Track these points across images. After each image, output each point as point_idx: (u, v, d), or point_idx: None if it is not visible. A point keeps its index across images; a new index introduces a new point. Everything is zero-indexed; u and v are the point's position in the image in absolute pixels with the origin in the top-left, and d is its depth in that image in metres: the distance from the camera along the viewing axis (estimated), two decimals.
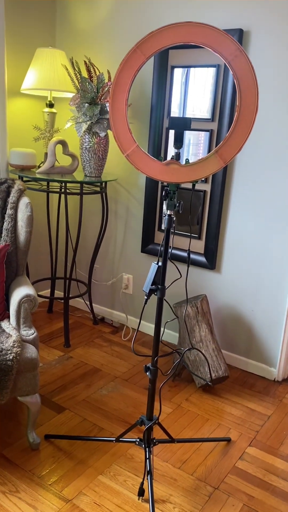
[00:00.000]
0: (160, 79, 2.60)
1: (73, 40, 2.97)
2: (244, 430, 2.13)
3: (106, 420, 2.13)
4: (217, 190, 2.54)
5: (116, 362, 2.66)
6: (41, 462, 1.83)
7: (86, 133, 2.63)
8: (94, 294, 3.25)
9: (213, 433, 2.10)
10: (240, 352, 2.68)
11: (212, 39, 1.33)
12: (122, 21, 2.72)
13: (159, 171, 1.46)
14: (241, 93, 1.33)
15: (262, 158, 2.39)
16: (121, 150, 1.48)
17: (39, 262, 3.32)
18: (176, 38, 1.37)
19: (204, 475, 1.83)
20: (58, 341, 2.86)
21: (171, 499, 1.70)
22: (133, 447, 1.95)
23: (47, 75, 2.62)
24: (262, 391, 2.47)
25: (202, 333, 2.42)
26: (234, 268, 2.60)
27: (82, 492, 1.70)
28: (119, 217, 3.01)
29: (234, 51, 1.32)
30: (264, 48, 2.28)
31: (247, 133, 1.34)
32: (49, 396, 2.28)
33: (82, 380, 2.44)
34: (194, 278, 2.76)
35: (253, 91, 1.32)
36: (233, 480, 1.82)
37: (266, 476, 1.86)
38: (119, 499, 1.68)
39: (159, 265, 1.57)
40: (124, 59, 1.43)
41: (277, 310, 2.50)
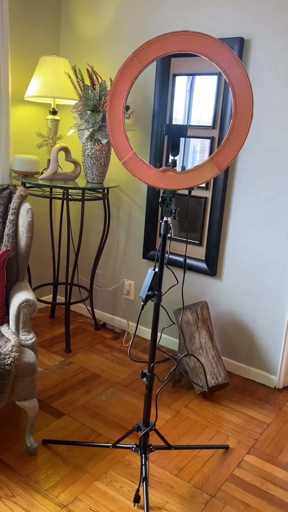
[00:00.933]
0: (162, 87, 2.63)
1: (77, 49, 3.00)
2: (243, 438, 2.12)
3: (104, 426, 2.13)
4: (218, 196, 2.54)
5: (116, 368, 2.66)
6: (38, 467, 1.84)
7: (88, 140, 2.65)
8: (96, 300, 3.26)
9: (211, 440, 2.10)
10: (241, 359, 2.67)
11: (208, 48, 1.35)
12: (125, 30, 2.75)
13: (156, 178, 1.47)
14: (236, 102, 1.34)
15: (263, 165, 2.40)
16: (118, 157, 1.50)
17: (42, 268, 3.34)
18: (172, 47, 1.39)
19: (201, 483, 1.83)
20: (59, 346, 2.87)
21: (167, 506, 1.70)
22: (131, 453, 1.95)
23: (50, 83, 2.65)
24: (262, 399, 2.46)
25: (202, 339, 2.42)
26: (235, 275, 2.60)
27: (78, 497, 1.70)
28: (121, 223, 3.02)
29: (230, 60, 1.33)
30: (265, 56, 2.29)
31: (242, 141, 1.35)
32: (48, 401, 2.28)
33: (81, 386, 2.45)
34: (195, 285, 2.76)
35: (248, 99, 1.33)
36: (230, 488, 1.81)
37: (264, 484, 1.85)
38: (115, 506, 1.68)
39: (155, 271, 1.58)
40: (121, 67, 1.45)
41: (278, 318, 2.49)
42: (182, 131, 1.46)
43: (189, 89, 2.58)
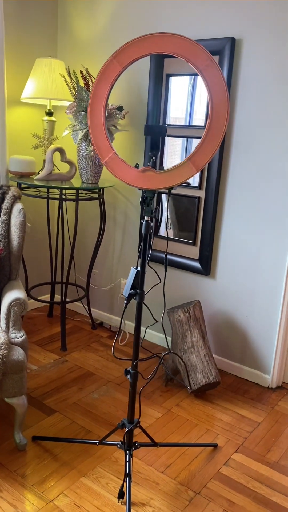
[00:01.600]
0: (156, 87, 2.64)
1: (74, 50, 3.03)
2: (232, 436, 2.13)
3: (94, 423, 2.15)
4: (211, 196, 2.55)
5: (111, 367, 2.69)
6: (26, 463, 1.87)
7: (83, 140, 2.68)
8: (93, 299, 3.29)
9: (200, 438, 2.11)
10: (234, 358, 2.68)
11: (184, 49, 1.36)
12: (121, 32, 2.78)
13: (135, 178, 1.49)
14: (212, 102, 1.36)
15: (255, 164, 2.40)
16: (100, 157, 1.52)
17: (41, 267, 3.38)
18: (150, 49, 1.41)
19: (186, 480, 1.84)
20: (56, 345, 2.90)
21: (151, 503, 1.72)
22: (118, 451, 1.97)
23: (46, 84, 2.69)
24: (255, 398, 2.47)
25: (194, 338, 2.43)
26: (228, 274, 2.61)
27: (64, 493, 1.73)
28: (117, 223, 3.04)
29: (205, 61, 1.35)
30: (256, 56, 2.30)
31: (218, 141, 1.36)
32: (41, 399, 2.32)
33: (75, 384, 2.48)
34: (189, 284, 2.77)
35: (224, 99, 1.34)
36: (215, 486, 1.82)
37: (250, 482, 1.85)
38: (99, 501, 1.70)
39: (137, 270, 1.60)
40: (101, 69, 1.47)
41: (271, 317, 2.50)
42: (161, 131, 1.48)
43: (191, 89, 2.59)
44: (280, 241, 2.39)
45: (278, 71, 2.24)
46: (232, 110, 2.43)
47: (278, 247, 2.40)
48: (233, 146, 2.45)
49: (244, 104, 2.38)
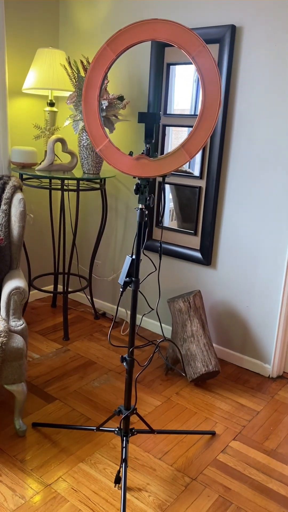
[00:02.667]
0: (157, 77, 2.63)
1: (75, 40, 3.03)
2: (230, 425, 2.14)
3: (94, 411, 2.18)
4: (211, 186, 2.55)
5: (112, 356, 2.71)
6: (25, 448, 1.90)
7: (83, 130, 2.68)
8: (96, 289, 3.31)
9: (199, 426, 2.12)
10: (235, 348, 2.69)
11: (176, 36, 1.36)
12: (122, 21, 2.76)
13: (130, 165, 1.49)
14: (205, 89, 1.35)
15: (255, 154, 2.39)
16: (94, 145, 1.53)
17: (44, 258, 3.41)
18: (143, 36, 1.40)
19: (183, 467, 1.86)
20: (58, 334, 2.93)
21: (147, 488, 1.74)
22: (117, 437, 1.99)
23: (47, 74, 2.69)
24: (255, 387, 2.47)
25: (193, 327, 2.44)
26: (229, 264, 2.61)
27: (61, 477, 1.76)
28: (119, 213, 3.05)
29: (198, 47, 1.34)
30: (257, 43, 2.27)
31: (210, 127, 1.36)
32: (42, 387, 2.35)
33: (76, 372, 2.50)
34: (190, 274, 2.78)
35: (216, 86, 1.34)
36: (212, 472, 1.84)
37: (246, 469, 1.87)
38: (96, 486, 1.73)
39: (133, 258, 1.61)
40: (95, 57, 1.47)
41: (271, 307, 2.49)
42: (155, 118, 1.48)
43: (196, 79, 2.57)
44: (280, 231, 2.38)
45: (279, 58, 2.22)
46: (232, 99, 2.41)
47: (279, 237, 2.40)
48: (233, 136, 2.44)
49: (244, 93, 2.36)
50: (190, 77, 2.53)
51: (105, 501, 1.66)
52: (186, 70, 2.53)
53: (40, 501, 1.64)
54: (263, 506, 1.69)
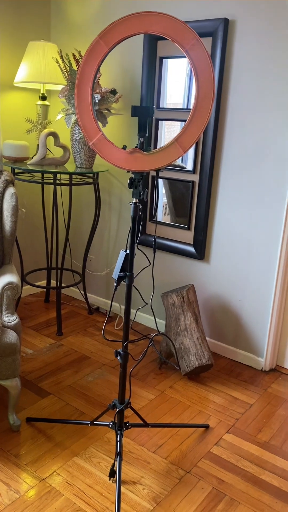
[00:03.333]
0: (150, 70, 2.62)
1: (67, 33, 3.00)
2: (224, 418, 2.16)
3: (88, 405, 2.18)
4: (204, 181, 2.55)
5: (106, 350, 2.71)
6: (20, 443, 1.90)
7: (76, 124, 2.67)
8: (89, 284, 3.31)
9: (193, 419, 2.14)
10: (228, 341, 2.70)
11: (170, 29, 1.35)
12: (115, 14, 2.74)
13: (123, 159, 1.49)
14: (199, 82, 1.35)
15: (248, 148, 2.39)
16: (87, 139, 1.52)
17: (37, 253, 3.39)
18: (136, 28, 1.39)
19: (177, 460, 1.87)
20: (52, 329, 2.93)
21: (141, 481, 1.75)
22: (111, 431, 2.00)
23: (39, 68, 2.67)
24: (248, 380, 2.49)
25: (187, 321, 2.44)
26: (222, 259, 2.62)
27: (56, 472, 1.76)
28: (113, 208, 3.04)
29: (191, 40, 1.33)
30: (250, 37, 2.27)
31: (204, 121, 1.36)
32: (36, 382, 2.34)
33: (70, 367, 2.50)
34: (183, 268, 2.78)
35: (210, 79, 1.33)
36: (205, 465, 1.85)
37: (240, 461, 1.88)
38: (91, 480, 1.74)
39: (127, 252, 1.60)
40: (88, 49, 1.46)
41: (264, 300, 2.51)
42: (149, 112, 1.47)
43: (188, 73, 2.57)
44: (273, 225, 2.39)
45: (271, 52, 2.22)
46: (225, 93, 2.41)
47: (271, 231, 2.40)
48: (226, 130, 2.44)
49: (237, 86, 2.36)
50: (183, 71, 2.52)
51: (99, 494, 1.67)
52: (179, 63, 2.52)
53: (35, 495, 1.65)
54: (256, 497, 1.71)
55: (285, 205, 2.33)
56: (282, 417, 2.19)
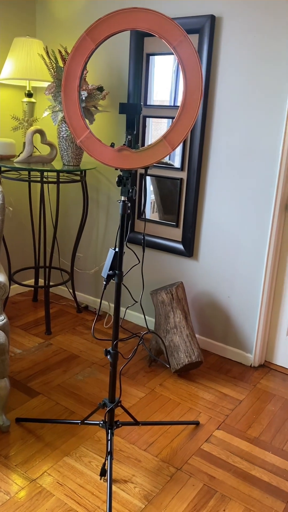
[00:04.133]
0: (136, 67, 2.61)
1: (52, 29, 2.97)
2: (214, 414, 2.17)
3: (78, 404, 2.17)
4: (192, 178, 2.55)
5: (95, 349, 2.70)
6: (9, 444, 1.88)
7: (63, 121, 2.64)
8: (78, 282, 3.29)
9: (183, 416, 2.14)
10: (217, 338, 2.71)
11: (157, 25, 1.34)
12: (101, 9, 2.72)
13: (112, 157, 1.48)
14: (186, 79, 1.34)
15: (236, 145, 2.40)
16: (74, 136, 1.50)
17: (24, 252, 3.36)
18: (123, 25, 1.38)
19: (168, 457, 1.87)
20: (40, 328, 2.90)
21: (133, 479, 1.75)
22: (101, 430, 1.99)
23: (24, 64, 2.63)
24: (237, 377, 2.50)
25: (176, 319, 2.45)
26: (210, 256, 2.62)
27: (47, 472, 1.75)
28: (101, 205, 3.03)
29: (179, 37, 1.33)
30: (236, 34, 2.27)
31: (192, 118, 1.35)
32: (25, 382, 2.32)
33: (59, 366, 2.49)
34: (172, 266, 2.78)
35: (198, 76, 1.33)
36: (196, 462, 1.86)
37: (230, 457, 1.89)
38: (82, 479, 1.73)
39: (116, 251, 1.60)
40: (74, 46, 1.44)
41: (252, 297, 2.52)
42: (137, 109, 1.46)
43: (175, 70, 2.56)
44: (261, 222, 2.40)
45: (258, 49, 2.22)
46: (212, 90, 2.41)
47: (259, 228, 2.42)
48: (214, 126, 2.44)
49: (224, 83, 2.36)
50: (170, 68, 2.51)
51: (91, 494, 1.66)
52: (166, 60, 2.51)
53: (26, 496, 1.64)
54: (247, 493, 1.72)
55: (273, 202, 2.35)
56: (272, 413, 2.20)
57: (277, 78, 2.20)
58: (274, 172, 2.31)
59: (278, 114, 2.23)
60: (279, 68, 2.18)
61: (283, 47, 2.15)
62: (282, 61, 2.17)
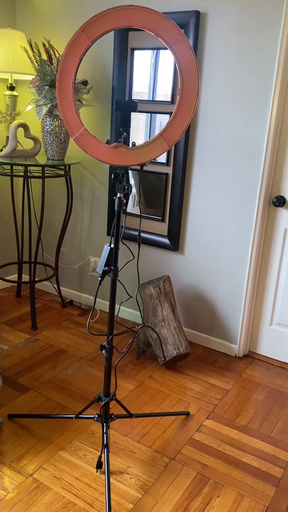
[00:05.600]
0: (121, 62, 2.60)
1: (34, 21, 2.92)
2: (203, 404, 2.22)
3: (69, 399, 2.19)
4: (178, 173, 2.58)
5: (83, 343, 2.71)
6: (3, 440, 1.89)
7: (47, 116, 2.62)
8: (62, 277, 3.28)
9: (173, 408, 2.19)
10: (202, 330, 2.77)
11: (153, 23, 1.35)
12: (84, 2, 2.69)
13: (107, 154, 1.49)
14: (183, 77, 1.36)
15: (220, 140, 2.43)
16: (70, 133, 1.51)
17: (6, 247, 3.32)
18: (119, 22, 1.39)
19: (161, 448, 1.92)
20: (26, 324, 2.89)
21: (128, 470, 1.78)
22: (94, 424, 2.02)
23: (6, 57, 2.59)
24: (223, 367, 2.57)
25: (164, 312, 2.48)
26: (196, 250, 2.67)
27: (43, 467, 1.77)
28: (85, 200, 3.02)
29: (175, 36, 1.34)
30: (221, 31, 2.30)
31: (189, 116, 1.38)
32: (14, 378, 2.32)
33: (47, 362, 2.49)
34: (158, 260, 2.81)
35: (194, 75, 1.35)
36: (189, 451, 1.91)
37: (221, 446, 1.95)
38: (78, 472, 1.75)
39: (111, 247, 1.61)
40: (69, 43, 1.44)
41: (237, 289, 2.58)
42: (132, 106, 1.48)
43: (153, 63, 2.57)
44: (245, 216, 2.46)
45: (242, 44, 2.26)
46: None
47: (244, 222, 2.47)
48: (199, 123, 2.47)
49: (209, 79, 2.39)
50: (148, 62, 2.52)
51: (88, 486, 1.69)
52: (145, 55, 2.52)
53: (23, 491, 1.65)
54: (239, 479, 1.78)
55: (257, 196, 2.40)
56: (258, 401, 2.28)
57: (261, 74, 2.24)
58: (259, 167, 2.36)
59: (262, 109, 2.28)
60: (263, 64, 2.23)
61: (267, 43, 2.20)
62: (267, 57, 2.21)
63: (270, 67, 2.22)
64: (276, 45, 2.18)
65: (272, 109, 2.25)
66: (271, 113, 2.26)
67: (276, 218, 2.46)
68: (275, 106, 2.24)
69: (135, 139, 2.69)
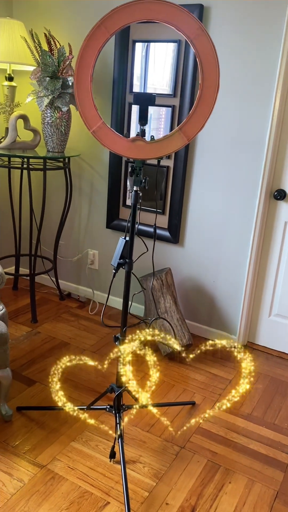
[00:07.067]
0: (122, 53, 2.60)
1: (32, 11, 2.88)
2: (207, 394, 2.27)
3: (76, 391, 2.20)
4: (179, 166, 2.59)
5: (84, 336, 2.72)
6: (14, 432, 1.89)
7: (48, 107, 2.60)
8: (60, 270, 3.27)
9: (179, 397, 2.22)
10: (203, 321, 2.81)
11: (174, 17, 1.36)
12: None
13: (126, 148, 1.50)
14: (203, 72, 1.38)
15: (223, 134, 2.46)
16: (87, 126, 1.51)
17: (3, 240, 3.30)
18: (139, 15, 1.39)
19: (171, 437, 1.95)
20: (25, 317, 2.88)
21: (141, 459, 1.81)
22: (103, 414, 2.04)
23: (5, 47, 2.55)
24: (223, 357, 2.62)
25: (167, 304, 2.51)
26: (196, 242, 2.70)
27: (56, 458, 1.78)
28: (84, 193, 3.02)
29: (196, 30, 1.36)
30: (224, 24, 2.31)
31: (209, 111, 1.40)
32: (19, 370, 2.32)
33: (51, 354, 2.50)
34: (159, 252, 2.83)
35: (215, 69, 1.37)
36: (198, 439, 1.95)
37: (228, 434, 2.00)
38: (92, 462, 1.77)
39: (126, 240, 1.62)
40: (88, 35, 1.44)
41: (237, 281, 2.63)
42: (151, 100, 1.49)
43: (144, 55, 2.57)
44: (246, 209, 2.50)
45: (245, 39, 2.28)
46: None
47: (245, 215, 2.51)
48: None
49: None
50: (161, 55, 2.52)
51: (103, 475, 1.72)
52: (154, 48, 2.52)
53: (40, 482, 1.66)
54: (248, 465, 1.83)
55: (258, 189, 2.44)
56: (260, 390, 2.33)
57: (264, 68, 2.27)
58: (260, 160, 2.40)
59: (265, 103, 2.31)
60: (267, 58, 2.26)
61: (271, 37, 2.22)
62: (270, 51, 2.24)
63: (273, 61, 2.24)
64: (280, 39, 2.21)
65: (275, 103, 2.29)
66: (274, 107, 2.29)
67: (277, 211, 2.50)
68: (278, 99, 2.28)
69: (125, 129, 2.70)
